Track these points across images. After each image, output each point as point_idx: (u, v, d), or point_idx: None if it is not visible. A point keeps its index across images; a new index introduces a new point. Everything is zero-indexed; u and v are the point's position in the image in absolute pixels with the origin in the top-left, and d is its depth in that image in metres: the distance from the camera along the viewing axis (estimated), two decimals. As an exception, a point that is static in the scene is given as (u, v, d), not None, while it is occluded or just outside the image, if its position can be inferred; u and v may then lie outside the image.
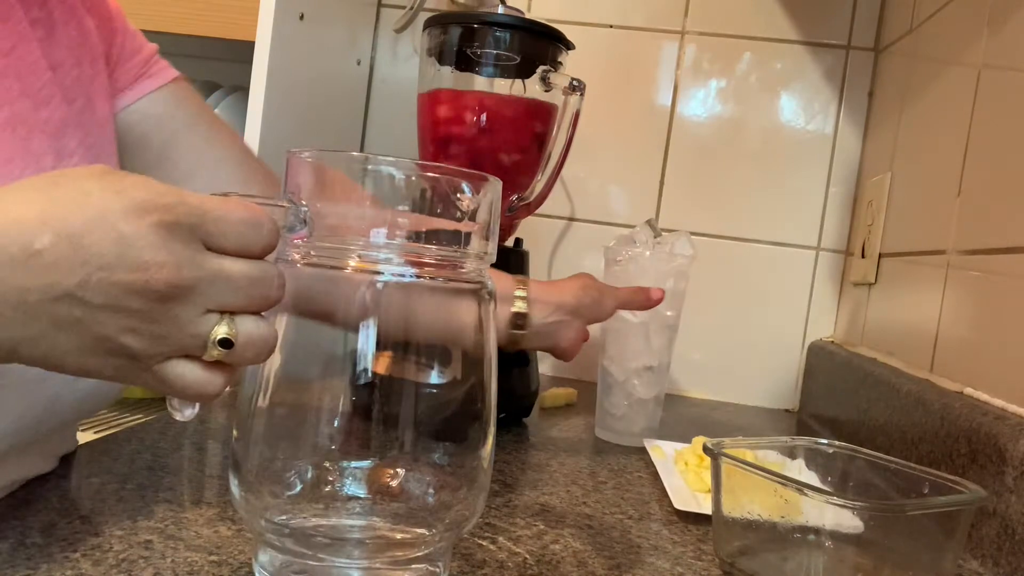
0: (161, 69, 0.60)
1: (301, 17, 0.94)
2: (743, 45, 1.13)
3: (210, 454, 0.63)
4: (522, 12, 0.86)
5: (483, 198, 0.39)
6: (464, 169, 0.38)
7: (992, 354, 0.64)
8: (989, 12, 0.73)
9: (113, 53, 0.57)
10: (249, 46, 0.88)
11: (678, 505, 0.59)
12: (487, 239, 0.39)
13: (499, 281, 0.63)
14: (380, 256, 0.37)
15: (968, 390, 0.66)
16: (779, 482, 0.46)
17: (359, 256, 0.37)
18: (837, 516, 0.44)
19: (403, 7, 1.07)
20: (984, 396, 0.63)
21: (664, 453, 0.72)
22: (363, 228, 0.37)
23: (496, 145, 0.83)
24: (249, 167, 0.64)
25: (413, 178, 0.37)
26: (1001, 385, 0.62)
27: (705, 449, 0.51)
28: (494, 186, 0.39)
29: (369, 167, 0.38)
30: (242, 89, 1.02)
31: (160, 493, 0.50)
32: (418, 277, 0.38)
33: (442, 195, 0.38)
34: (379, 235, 0.36)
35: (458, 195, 0.38)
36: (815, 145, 1.12)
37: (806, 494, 0.44)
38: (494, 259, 0.40)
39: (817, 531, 0.45)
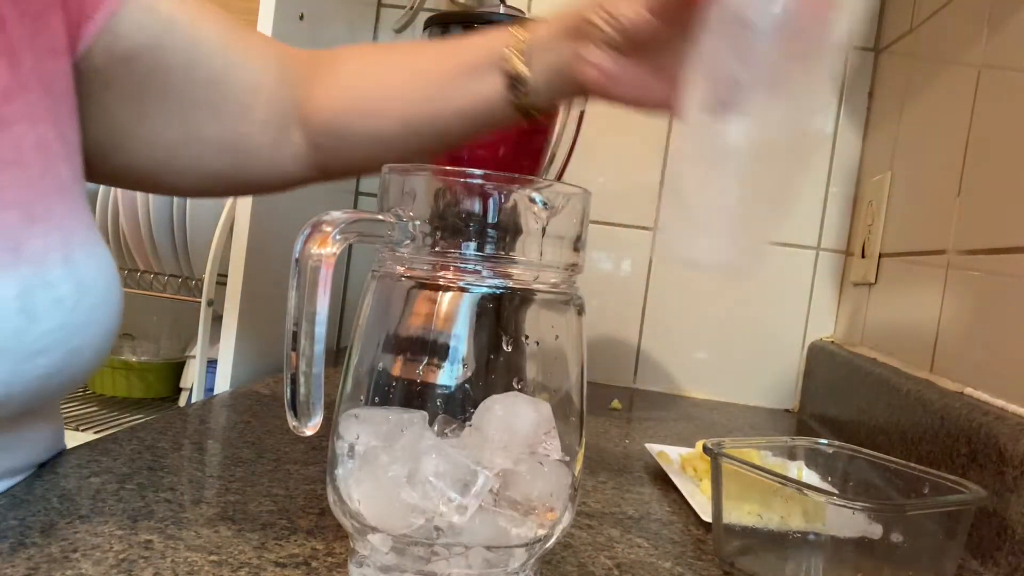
0: None
1: (301, 17, 0.94)
2: (743, 45, 1.13)
3: (210, 454, 0.63)
4: (522, 12, 0.86)
5: (567, 209, 0.40)
6: (549, 180, 0.39)
7: (992, 354, 0.64)
8: (989, 12, 0.73)
9: None
10: (249, 46, 0.88)
11: (705, 517, 0.57)
12: (577, 251, 0.40)
13: (491, 40, 0.54)
14: (471, 268, 0.38)
15: (968, 390, 0.66)
16: (779, 482, 0.46)
17: (454, 268, 0.38)
18: (837, 516, 0.44)
19: (403, 7, 1.07)
20: (984, 396, 0.63)
21: (670, 459, 0.72)
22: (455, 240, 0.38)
23: (497, 145, 0.83)
24: (238, 54, 0.59)
25: (489, 189, 0.38)
26: (1001, 385, 0.62)
27: (705, 449, 0.51)
28: (582, 197, 0.40)
29: (447, 179, 0.39)
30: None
31: (160, 493, 0.50)
32: (508, 289, 0.38)
33: (520, 206, 0.39)
34: (470, 248, 0.38)
35: (535, 207, 0.39)
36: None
37: (806, 494, 0.44)
38: (582, 271, 0.41)
39: (817, 531, 0.45)
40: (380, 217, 0.38)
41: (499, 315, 0.39)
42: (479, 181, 0.38)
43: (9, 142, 0.45)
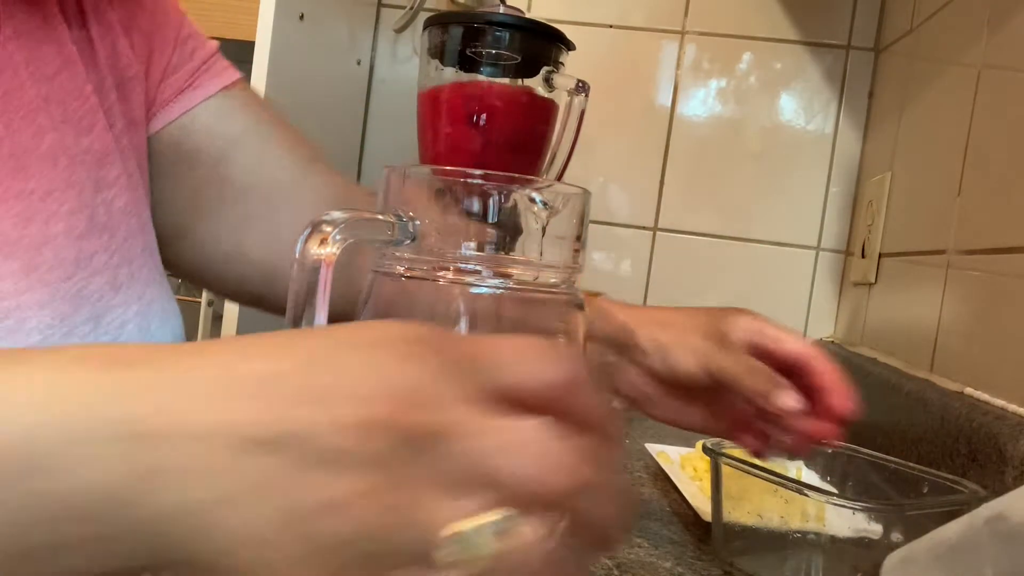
0: (209, 79, 0.55)
1: (301, 17, 0.94)
2: (743, 45, 1.13)
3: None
4: (522, 12, 0.86)
5: (567, 209, 0.40)
6: (550, 180, 0.39)
7: (992, 354, 0.64)
8: (989, 12, 0.73)
9: (154, 71, 0.52)
10: (249, 46, 0.88)
11: (705, 517, 0.57)
12: (577, 251, 0.40)
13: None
14: (471, 268, 0.38)
15: (968, 390, 0.66)
16: (779, 482, 0.46)
17: (454, 268, 0.38)
18: (837, 516, 0.44)
19: (403, 7, 1.07)
20: (984, 396, 0.63)
21: (670, 459, 0.72)
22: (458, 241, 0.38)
23: (498, 144, 0.83)
24: (303, 181, 0.58)
25: (489, 189, 0.38)
26: (1001, 385, 0.62)
27: (705, 449, 0.51)
28: (582, 197, 0.40)
29: (448, 179, 0.39)
30: (242, 89, 1.02)
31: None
32: (508, 288, 0.38)
33: (519, 206, 0.39)
34: (470, 247, 0.38)
35: (535, 207, 0.39)
36: (815, 145, 1.12)
37: (806, 494, 0.44)
38: (582, 271, 0.42)
39: (817, 531, 0.45)
40: (380, 217, 0.38)
41: (499, 315, 0.39)
42: (479, 181, 0.38)
43: (103, 206, 0.45)
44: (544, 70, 0.82)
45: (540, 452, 0.21)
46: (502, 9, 0.85)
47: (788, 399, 0.46)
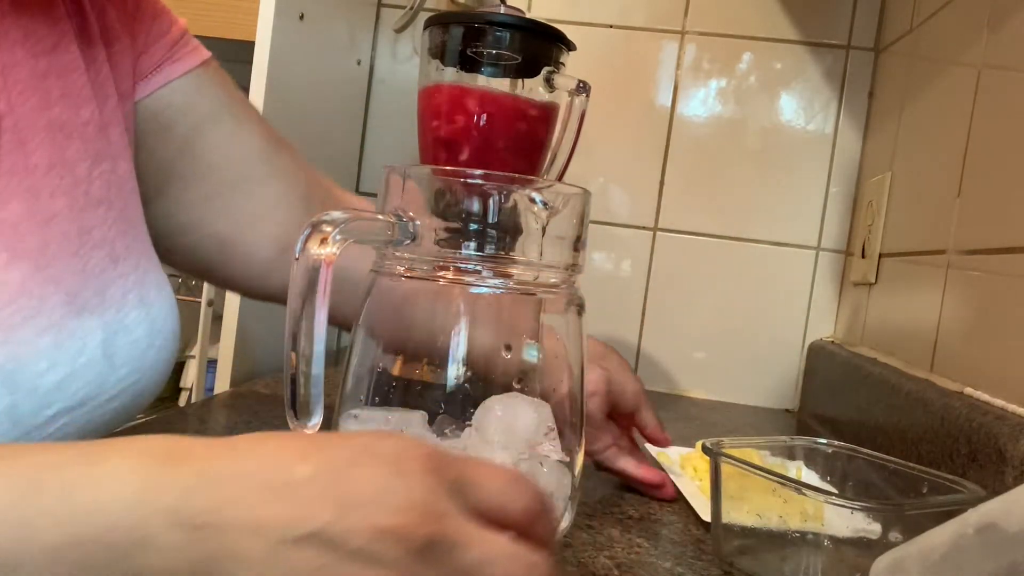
0: (188, 53, 0.55)
1: (301, 17, 0.94)
2: (743, 45, 1.13)
3: (210, 454, 0.63)
4: (522, 12, 0.86)
5: (567, 210, 0.40)
6: (550, 180, 0.39)
7: (992, 354, 0.64)
8: (989, 12, 0.73)
9: (138, 42, 0.53)
10: (249, 46, 0.89)
11: (705, 517, 0.57)
12: (577, 251, 0.40)
13: None
14: (471, 268, 0.38)
15: (968, 390, 0.66)
16: (778, 482, 0.46)
17: (454, 268, 0.38)
18: (836, 516, 0.44)
19: (403, 7, 1.07)
20: (984, 396, 0.63)
21: (670, 459, 0.72)
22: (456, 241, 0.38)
23: (498, 144, 0.83)
24: (272, 164, 0.60)
25: (489, 189, 0.38)
26: (1001, 385, 0.62)
27: (704, 449, 0.51)
28: (582, 197, 0.40)
29: (448, 179, 0.40)
30: (242, 89, 1.02)
31: (160, 493, 0.50)
32: (508, 289, 0.38)
33: (519, 206, 0.39)
34: (471, 248, 0.38)
35: (535, 207, 0.39)
36: (815, 145, 1.12)
37: (805, 494, 0.44)
38: (582, 271, 0.42)
39: (816, 531, 0.45)
40: (380, 217, 0.38)
41: (499, 315, 0.39)
42: (479, 181, 0.38)
43: (100, 178, 0.45)
44: (545, 70, 0.82)
45: (524, 563, 0.27)
46: (502, 9, 0.85)
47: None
